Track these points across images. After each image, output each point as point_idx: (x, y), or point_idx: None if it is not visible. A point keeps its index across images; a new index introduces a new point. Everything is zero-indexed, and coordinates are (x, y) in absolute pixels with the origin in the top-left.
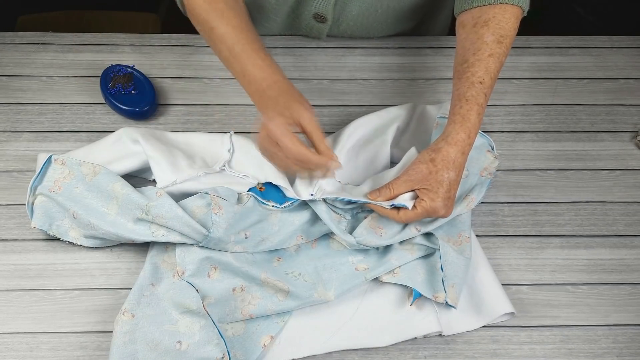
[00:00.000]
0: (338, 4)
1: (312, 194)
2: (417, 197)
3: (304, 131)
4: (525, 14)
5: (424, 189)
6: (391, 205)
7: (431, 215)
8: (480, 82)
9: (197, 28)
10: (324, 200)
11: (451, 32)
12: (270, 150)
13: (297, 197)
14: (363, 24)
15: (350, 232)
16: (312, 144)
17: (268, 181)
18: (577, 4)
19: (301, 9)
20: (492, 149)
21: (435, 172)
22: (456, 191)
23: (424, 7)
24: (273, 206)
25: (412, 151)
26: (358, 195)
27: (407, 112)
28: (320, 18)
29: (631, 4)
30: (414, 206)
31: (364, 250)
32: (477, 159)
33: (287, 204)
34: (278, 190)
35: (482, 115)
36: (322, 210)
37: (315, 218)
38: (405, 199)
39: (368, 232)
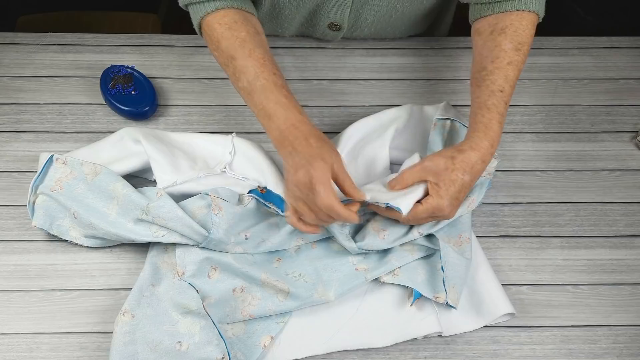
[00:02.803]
0: (352, 12)
1: None
2: (423, 197)
3: (335, 176)
4: (540, 20)
5: (435, 184)
6: (386, 205)
7: (435, 214)
8: (501, 91)
9: (214, 54)
10: None
11: (451, 32)
12: (304, 192)
13: None
14: (377, 30)
15: (353, 235)
16: (343, 190)
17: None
18: (577, 4)
19: (316, 19)
20: None
21: (452, 170)
22: (465, 196)
23: (434, 11)
24: (275, 211)
25: (415, 157)
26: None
27: (405, 113)
28: (335, 27)
29: (631, 4)
30: (420, 203)
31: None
32: None
33: None
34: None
35: (503, 122)
36: None
37: None
38: (402, 202)
39: (370, 237)
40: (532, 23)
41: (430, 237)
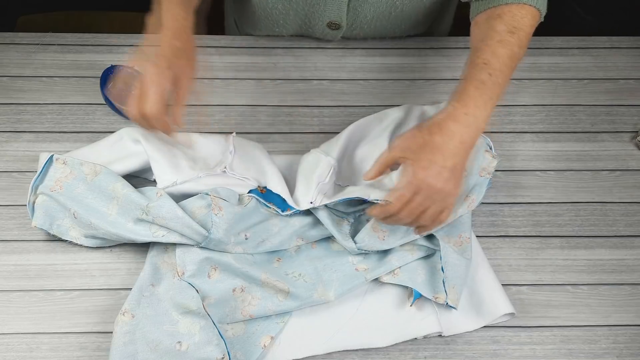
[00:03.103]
0: (351, 10)
1: (311, 202)
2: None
3: (176, 86)
4: (542, 19)
5: (405, 158)
6: (366, 200)
7: (422, 188)
8: (485, 63)
9: None
10: (325, 206)
11: (451, 32)
12: (134, 81)
13: (297, 207)
14: (377, 28)
15: (353, 235)
16: (173, 102)
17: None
18: (577, 4)
19: (315, 19)
20: (491, 148)
21: (419, 136)
22: (454, 162)
23: (435, 10)
24: (275, 211)
25: None
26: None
27: (405, 114)
28: (334, 26)
29: (631, 3)
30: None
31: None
32: (475, 159)
33: (289, 212)
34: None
35: (485, 90)
36: (323, 216)
37: (317, 221)
38: (379, 194)
39: (370, 237)
40: (531, 14)
41: (430, 237)
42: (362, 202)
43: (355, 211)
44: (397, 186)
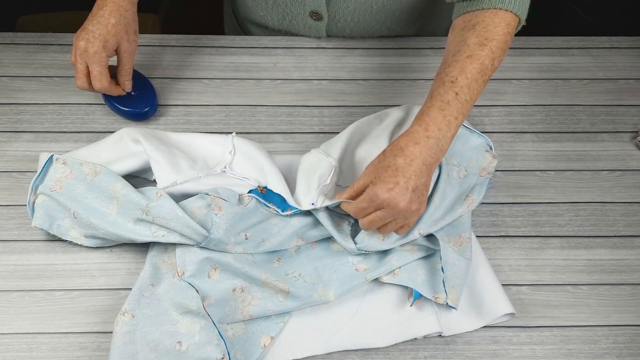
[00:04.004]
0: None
1: (312, 203)
2: None
3: (118, 57)
4: (523, 23)
5: (375, 181)
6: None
7: (374, 201)
8: (452, 81)
9: None
10: (326, 207)
11: None
12: (80, 55)
13: (298, 207)
14: (360, 22)
15: (353, 236)
16: (118, 72)
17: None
18: (577, 4)
19: (296, 8)
20: (491, 148)
21: (383, 159)
22: (415, 183)
23: (424, 10)
24: (275, 211)
25: None
26: None
27: (405, 113)
28: (316, 16)
29: (631, 4)
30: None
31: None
32: (475, 159)
33: (289, 212)
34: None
35: (450, 110)
36: (323, 216)
37: (317, 221)
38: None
39: (370, 238)
40: (505, 21)
41: (430, 237)
42: None
43: None
44: (360, 200)
